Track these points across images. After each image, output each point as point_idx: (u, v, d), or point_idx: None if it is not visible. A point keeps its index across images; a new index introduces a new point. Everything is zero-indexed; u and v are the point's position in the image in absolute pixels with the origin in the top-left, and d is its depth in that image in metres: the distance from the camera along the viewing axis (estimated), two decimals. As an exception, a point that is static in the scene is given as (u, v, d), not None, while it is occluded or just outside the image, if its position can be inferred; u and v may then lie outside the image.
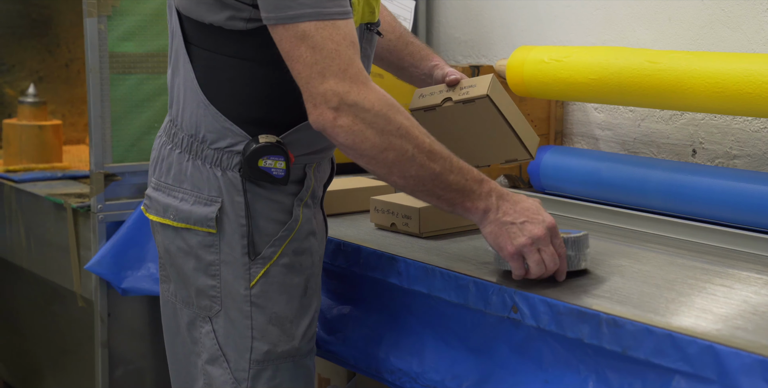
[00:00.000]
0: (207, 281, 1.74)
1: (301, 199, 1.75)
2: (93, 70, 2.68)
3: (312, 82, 1.57)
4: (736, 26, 2.31)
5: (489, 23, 2.96)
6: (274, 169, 1.68)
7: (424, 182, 1.62)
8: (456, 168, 1.63)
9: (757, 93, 1.96)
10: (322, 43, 1.56)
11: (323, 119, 1.58)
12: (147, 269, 2.71)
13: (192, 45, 1.72)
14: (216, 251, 1.73)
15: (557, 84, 2.34)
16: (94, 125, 2.70)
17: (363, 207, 2.27)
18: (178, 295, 1.82)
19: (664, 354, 1.46)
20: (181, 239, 1.76)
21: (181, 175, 1.75)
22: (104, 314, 2.77)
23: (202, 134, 1.72)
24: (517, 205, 1.65)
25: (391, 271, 1.90)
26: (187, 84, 1.73)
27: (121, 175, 2.75)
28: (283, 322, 1.76)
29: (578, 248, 1.71)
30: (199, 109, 1.72)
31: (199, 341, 1.79)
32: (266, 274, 1.73)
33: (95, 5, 2.66)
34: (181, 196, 1.75)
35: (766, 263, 1.85)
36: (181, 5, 1.71)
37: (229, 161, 1.71)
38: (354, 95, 1.57)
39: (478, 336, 1.79)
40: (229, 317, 1.74)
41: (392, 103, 1.60)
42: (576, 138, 2.72)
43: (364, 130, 1.57)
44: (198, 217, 1.72)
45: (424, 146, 1.60)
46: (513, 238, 1.63)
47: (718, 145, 2.37)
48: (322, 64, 1.56)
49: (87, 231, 2.77)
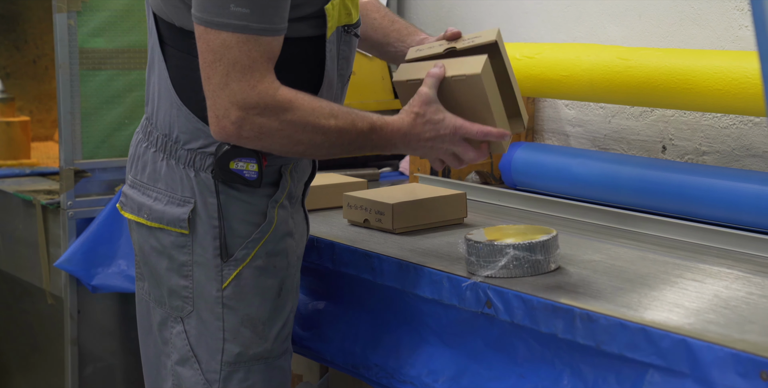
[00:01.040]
0: (180, 281, 1.74)
1: (276, 201, 1.74)
2: (63, 66, 2.67)
3: (219, 93, 1.57)
4: (706, 24, 2.33)
5: (460, 21, 2.97)
6: (246, 171, 1.67)
7: (336, 154, 1.69)
8: (360, 133, 1.67)
9: (726, 90, 1.98)
10: (238, 57, 1.55)
11: (226, 133, 1.59)
12: (118, 266, 2.70)
13: (166, 45, 1.71)
14: (189, 252, 1.72)
15: (529, 81, 2.35)
16: (63, 121, 2.68)
17: (336, 203, 2.27)
18: (151, 293, 1.81)
19: (637, 348, 1.47)
20: (155, 238, 1.75)
21: (156, 174, 1.74)
22: (74, 312, 2.76)
23: (176, 134, 1.71)
24: (420, 136, 1.71)
25: (365, 267, 1.91)
26: (161, 83, 1.72)
27: (91, 171, 2.74)
28: (255, 324, 1.75)
29: (547, 252, 1.72)
30: (172, 110, 1.71)
31: (169, 341, 1.78)
32: (239, 276, 1.72)
33: (65, 1, 2.65)
34: (155, 195, 1.74)
35: (736, 258, 1.87)
36: (155, 6, 1.70)
37: (201, 162, 1.70)
38: (259, 110, 1.57)
39: (454, 331, 1.80)
40: (201, 318, 1.74)
41: (296, 104, 1.60)
42: (547, 134, 2.73)
43: (269, 138, 1.60)
44: (171, 217, 1.72)
45: (330, 130, 1.63)
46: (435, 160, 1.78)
47: (687, 142, 2.39)
48: (233, 76, 1.56)
49: (56, 228, 2.76)
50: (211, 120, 1.60)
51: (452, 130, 1.72)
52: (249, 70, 1.56)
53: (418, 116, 1.72)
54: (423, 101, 1.72)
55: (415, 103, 1.73)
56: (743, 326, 1.46)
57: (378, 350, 1.92)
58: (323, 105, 1.64)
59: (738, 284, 1.69)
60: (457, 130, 1.72)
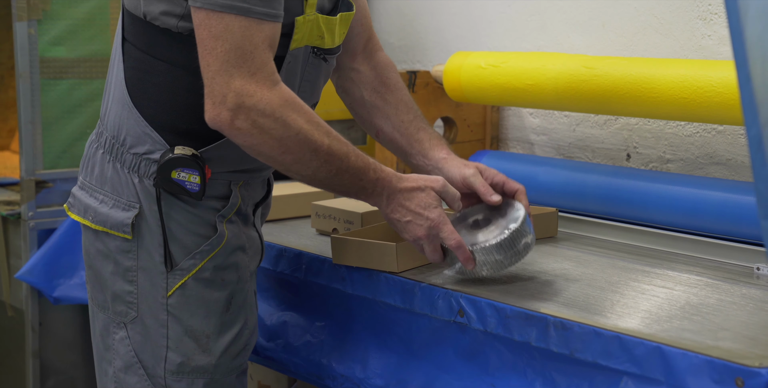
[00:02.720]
0: (124, 286, 1.70)
1: (224, 216, 1.71)
2: (23, 75, 2.64)
3: (217, 79, 1.54)
4: (669, 33, 2.36)
5: (423, 29, 2.97)
6: (187, 182, 1.65)
7: (320, 180, 1.65)
8: (352, 168, 1.64)
9: (692, 98, 2.00)
10: (241, 42, 1.53)
11: (220, 120, 1.55)
12: (80, 277, 2.68)
13: (127, 42, 1.68)
14: (134, 257, 1.69)
15: (494, 89, 2.36)
16: (24, 131, 2.65)
17: (303, 212, 2.26)
18: (94, 299, 1.77)
19: (611, 356, 1.48)
20: (101, 241, 1.72)
21: (103, 177, 1.71)
22: (35, 324, 2.73)
23: (123, 137, 1.69)
24: (406, 202, 1.68)
25: (335, 276, 1.90)
26: (117, 83, 1.70)
27: (53, 181, 2.71)
28: (199, 336, 1.71)
29: (505, 251, 1.71)
30: (123, 111, 1.68)
31: (111, 347, 1.74)
32: (184, 286, 1.69)
33: (25, 9, 2.62)
34: (102, 198, 1.71)
35: (704, 265, 1.88)
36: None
37: (146, 169, 1.67)
38: (256, 99, 1.54)
39: (423, 341, 1.80)
40: (145, 324, 1.70)
41: (295, 106, 1.58)
42: (512, 143, 2.74)
43: (261, 134, 1.56)
44: (114, 221, 1.69)
45: (322, 149, 1.60)
46: (401, 232, 1.71)
47: (651, 150, 2.41)
48: (233, 62, 1.54)
49: (17, 239, 2.73)
50: (207, 107, 1.56)
51: (438, 221, 1.68)
52: (250, 56, 1.54)
53: (421, 190, 1.69)
54: (438, 186, 1.70)
55: (428, 180, 1.71)
56: (716, 333, 1.47)
57: (344, 360, 1.91)
58: (321, 121, 1.62)
59: (708, 290, 1.71)
60: (442, 225, 1.68)
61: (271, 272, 2.03)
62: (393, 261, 1.79)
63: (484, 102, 2.48)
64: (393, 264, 1.79)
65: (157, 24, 1.63)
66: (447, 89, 2.47)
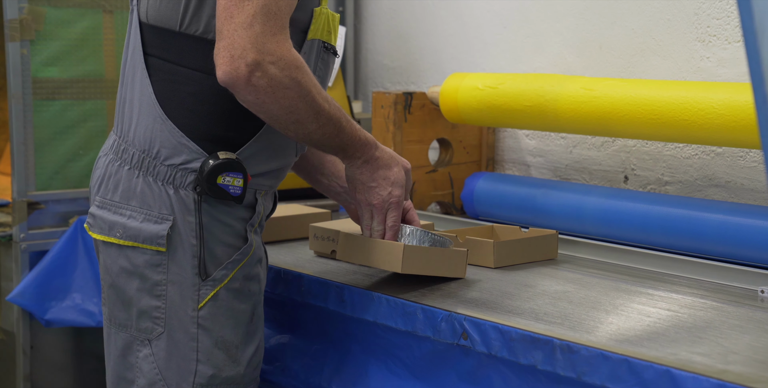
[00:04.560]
0: (151, 301, 1.70)
1: (252, 224, 1.74)
2: (15, 96, 2.62)
3: (240, 32, 1.55)
4: (667, 55, 2.35)
5: (418, 50, 2.97)
6: (231, 186, 1.67)
7: (311, 140, 1.70)
8: (342, 133, 1.70)
9: (693, 120, 1.99)
10: (268, 2, 1.55)
11: (237, 75, 1.56)
12: (72, 300, 2.65)
13: (151, 56, 1.69)
14: (163, 271, 1.69)
15: (492, 111, 2.35)
16: (17, 152, 2.63)
17: (301, 234, 2.24)
18: (113, 318, 1.76)
19: (620, 380, 1.46)
20: (125, 258, 1.71)
21: (130, 192, 1.71)
22: (26, 347, 2.69)
23: (156, 150, 1.69)
24: (380, 171, 1.77)
25: (335, 299, 1.88)
26: (143, 99, 1.70)
27: (45, 203, 2.68)
28: (229, 347, 1.72)
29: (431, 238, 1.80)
30: (155, 124, 1.69)
31: (134, 366, 1.73)
32: (215, 297, 1.70)
33: (18, 29, 2.61)
34: (129, 213, 1.71)
35: (707, 288, 1.87)
36: (144, 12, 1.69)
37: (182, 179, 1.68)
38: (276, 57, 1.56)
39: (425, 364, 1.78)
40: (173, 339, 1.70)
41: (307, 70, 1.62)
42: (507, 164, 2.73)
43: (274, 93, 1.58)
44: (148, 234, 1.69)
45: (323, 113, 1.65)
46: (358, 192, 1.79)
47: (649, 172, 2.40)
48: (260, 19, 1.55)
49: (9, 261, 2.70)
50: (224, 59, 1.56)
51: (397, 200, 1.78)
52: (275, 17, 1.56)
53: (396, 164, 1.80)
54: (408, 167, 1.82)
55: (402, 159, 1.82)
56: (726, 356, 1.46)
57: (344, 383, 1.89)
58: (322, 89, 1.66)
59: (713, 313, 1.69)
60: (396, 205, 1.78)
61: (269, 294, 2.01)
62: (398, 261, 1.77)
63: (481, 123, 2.47)
64: (398, 265, 1.77)
65: (198, 35, 1.65)
66: (443, 110, 2.46)
